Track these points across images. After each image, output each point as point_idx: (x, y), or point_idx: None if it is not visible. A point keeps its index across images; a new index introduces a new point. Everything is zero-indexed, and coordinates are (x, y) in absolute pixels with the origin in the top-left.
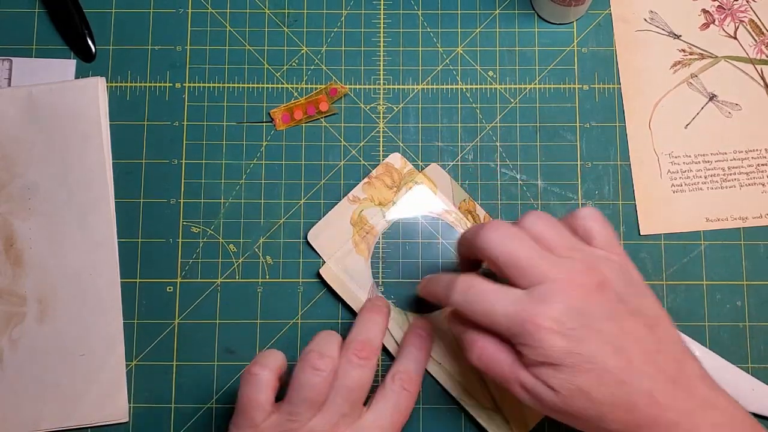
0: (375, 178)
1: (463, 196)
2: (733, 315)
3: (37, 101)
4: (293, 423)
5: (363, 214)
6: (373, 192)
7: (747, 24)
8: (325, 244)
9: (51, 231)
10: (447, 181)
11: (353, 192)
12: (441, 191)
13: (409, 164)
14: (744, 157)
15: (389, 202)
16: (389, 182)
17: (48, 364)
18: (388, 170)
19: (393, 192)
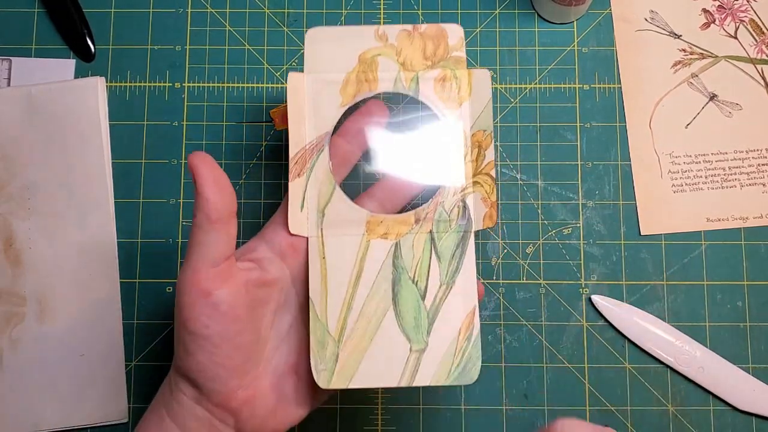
0: (420, 34)
1: (486, 126)
2: (734, 315)
3: (36, 101)
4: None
5: (378, 59)
6: (406, 47)
7: (747, 24)
8: (318, 54)
9: (50, 231)
10: (485, 100)
11: (385, 28)
12: (472, 103)
13: (464, 50)
14: (745, 157)
15: (412, 72)
16: (430, 51)
17: (48, 365)
18: (438, 37)
19: (425, 65)
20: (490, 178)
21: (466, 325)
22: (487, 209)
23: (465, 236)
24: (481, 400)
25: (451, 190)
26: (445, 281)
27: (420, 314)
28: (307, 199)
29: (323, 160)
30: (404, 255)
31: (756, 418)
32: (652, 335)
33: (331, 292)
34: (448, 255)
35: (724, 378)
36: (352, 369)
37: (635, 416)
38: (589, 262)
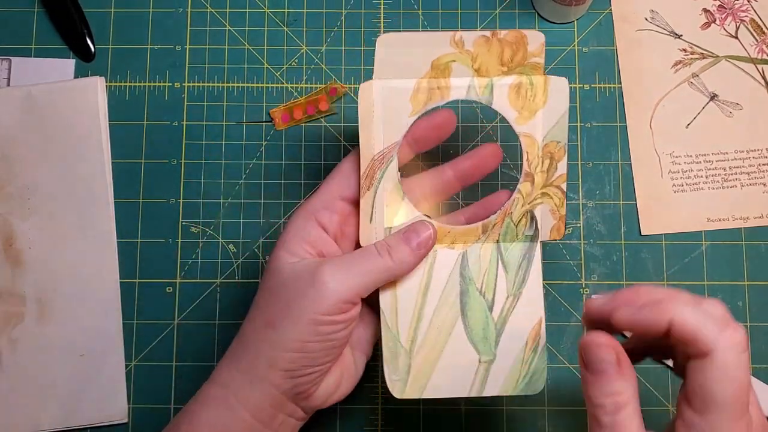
0: (499, 40)
1: (560, 137)
2: (734, 315)
3: (36, 101)
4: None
5: (452, 65)
6: (483, 53)
7: (748, 23)
8: (389, 60)
9: (50, 231)
10: (562, 109)
11: (462, 34)
12: (546, 112)
13: (543, 57)
14: (745, 156)
15: (487, 78)
16: (507, 57)
17: (47, 365)
18: (517, 43)
19: (501, 71)
20: (560, 191)
21: (533, 337)
22: (555, 221)
23: (531, 247)
24: (481, 400)
25: (520, 201)
26: (512, 292)
27: (488, 326)
28: (376, 211)
29: (392, 170)
30: (471, 265)
31: None
32: None
33: (401, 303)
34: (514, 266)
35: None
36: (424, 379)
37: None
38: (589, 262)
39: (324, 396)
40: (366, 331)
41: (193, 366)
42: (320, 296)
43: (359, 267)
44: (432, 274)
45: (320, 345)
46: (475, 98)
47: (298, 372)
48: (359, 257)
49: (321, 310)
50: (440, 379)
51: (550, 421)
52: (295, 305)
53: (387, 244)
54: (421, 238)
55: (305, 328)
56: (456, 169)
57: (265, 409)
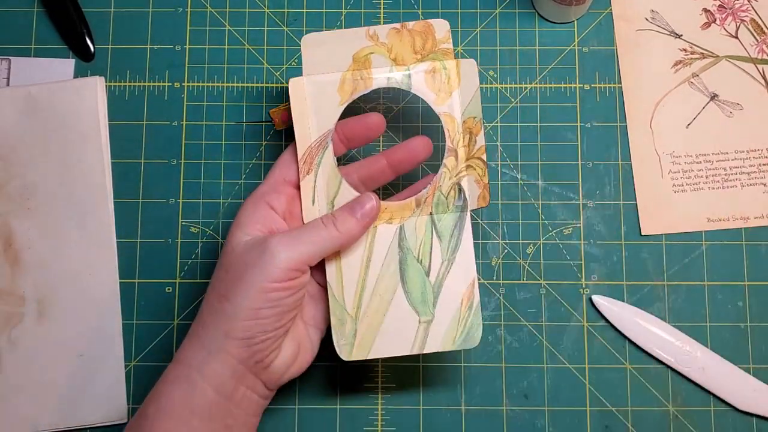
0: (408, 31)
1: (475, 113)
2: (735, 315)
3: (35, 101)
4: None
5: (371, 57)
6: (397, 44)
7: (748, 23)
8: (314, 57)
9: (50, 231)
10: (474, 87)
11: (376, 28)
12: (461, 92)
13: (450, 42)
14: (745, 157)
15: (403, 66)
16: (419, 45)
17: (47, 365)
18: (425, 32)
19: (415, 59)
20: (482, 162)
21: (467, 296)
22: (480, 190)
23: (462, 216)
24: (482, 400)
25: (447, 175)
26: (446, 258)
27: (426, 289)
28: (317, 193)
29: (328, 156)
30: (408, 237)
31: (756, 419)
32: (652, 335)
33: (346, 275)
34: (447, 234)
35: (725, 378)
36: (369, 342)
37: (636, 417)
38: (589, 262)
39: (282, 367)
40: (319, 309)
41: None
42: (269, 265)
43: (306, 238)
44: (373, 248)
45: (271, 311)
46: (395, 85)
47: (253, 339)
48: (306, 229)
49: (270, 278)
50: (384, 340)
51: (550, 421)
52: (247, 276)
53: (333, 216)
54: (365, 208)
55: (256, 295)
56: (389, 158)
57: (226, 382)
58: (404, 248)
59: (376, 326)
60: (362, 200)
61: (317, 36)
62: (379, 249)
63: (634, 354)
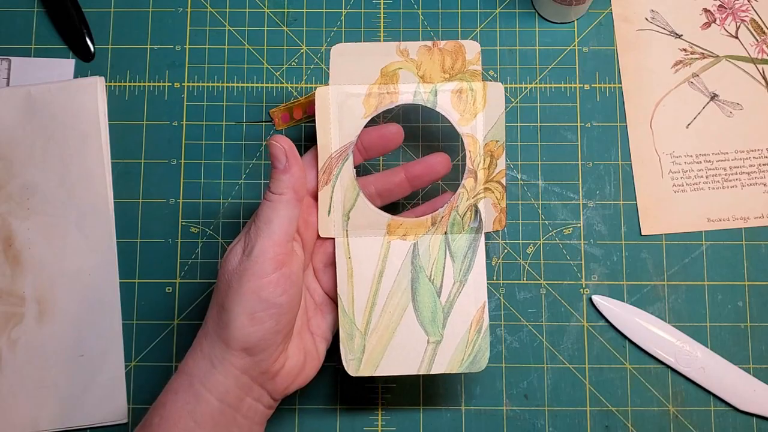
0: (439, 50)
1: (498, 137)
2: (735, 315)
3: (35, 101)
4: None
5: (399, 72)
6: (426, 62)
7: (748, 23)
8: (343, 68)
9: (50, 231)
10: (498, 112)
11: (407, 44)
12: (486, 115)
13: (479, 64)
14: (745, 156)
15: (431, 84)
16: (448, 65)
17: (47, 365)
18: (456, 52)
19: (443, 77)
20: (501, 186)
21: (477, 319)
22: (497, 214)
23: (476, 238)
24: (482, 400)
25: (464, 196)
26: (458, 279)
27: (436, 309)
28: (334, 204)
29: (348, 167)
30: (422, 254)
31: (757, 419)
32: (652, 335)
33: (357, 289)
34: (460, 255)
35: (725, 378)
36: (377, 359)
37: (636, 417)
38: (589, 262)
39: (288, 378)
40: (325, 320)
41: None
42: (251, 263)
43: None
44: (386, 264)
45: (266, 313)
46: (421, 102)
47: (253, 349)
48: (261, 215)
49: (256, 274)
50: (392, 358)
51: (550, 421)
52: (235, 281)
53: (268, 190)
54: (279, 155)
55: (248, 298)
56: (408, 172)
57: (231, 391)
58: (417, 266)
59: (384, 343)
60: (274, 152)
61: (347, 47)
62: (391, 264)
63: (634, 354)
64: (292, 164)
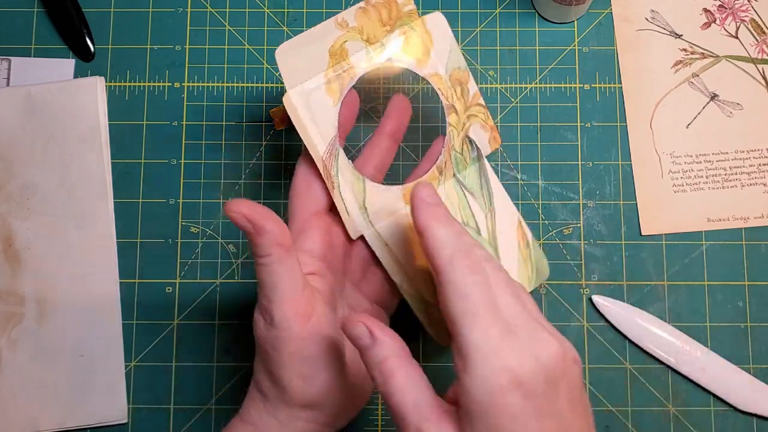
0: (372, 6)
1: (458, 63)
2: (735, 315)
3: (35, 101)
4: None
5: (346, 46)
6: (366, 23)
7: (748, 23)
8: (293, 67)
9: (50, 231)
10: (447, 39)
11: (343, 14)
12: (437, 48)
13: (413, 3)
14: (746, 156)
15: (378, 42)
16: (385, 17)
17: (47, 365)
18: (388, 1)
19: (385, 31)
20: (482, 107)
21: (520, 236)
22: (489, 133)
23: (481, 165)
24: None
25: (454, 132)
26: (486, 210)
27: (485, 247)
28: (347, 203)
29: (342, 161)
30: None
31: (756, 419)
32: (652, 336)
33: (407, 268)
34: (477, 188)
35: (725, 378)
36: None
37: (636, 417)
38: (589, 262)
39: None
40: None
41: (193, 366)
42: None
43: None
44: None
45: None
46: (377, 63)
47: (317, 401)
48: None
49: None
50: None
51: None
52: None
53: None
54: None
55: (291, 361)
56: (386, 131)
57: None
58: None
59: None
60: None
61: (289, 44)
62: None
63: (634, 354)
64: (262, 224)
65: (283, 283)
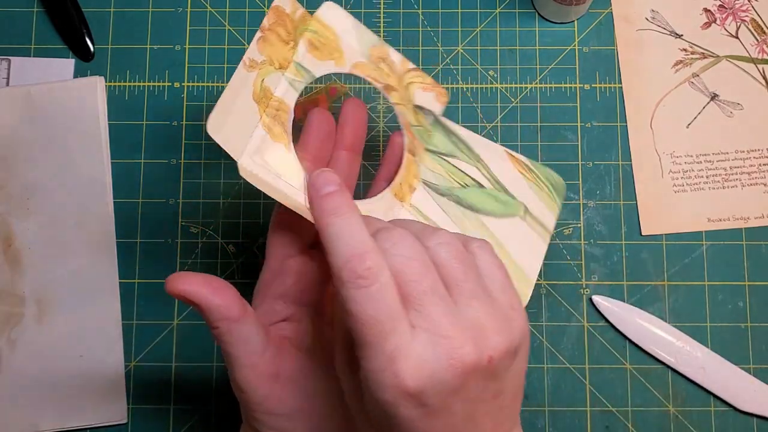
0: (268, 30)
1: (371, 41)
2: (735, 316)
3: (35, 101)
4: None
5: (265, 83)
6: (271, 50)
7: (749, 23)
8: (231, 136)
9: (50, 231)
10: (350, 23)
11: (247, 54)
12: (343, 38)
13: (301, 7)
14: (746, 157)
15: (289, 63)
16: (284, 34)
17: (46, 365)
18: (279, 18)
19: (290, 49)
20: (414, 71)
21: (517, 165)
22: (432, 92)
23: (444, 125)
24: None
25: (403, 109)
26: (474, 162)
27: (496, 196)
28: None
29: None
30: (437, 182)
31: (756, 419)
32: (653, 336)
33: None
34: (451, 147)
35: (726, 378)
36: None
37: (636, 417)
38: (589, 262)
39: None
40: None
41: (192, 366)
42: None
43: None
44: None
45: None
46: (301, 86)
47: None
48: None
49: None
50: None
51: (550, 421)
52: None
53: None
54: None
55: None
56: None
57: None
58: (445, 192)
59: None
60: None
61: (213, 116)
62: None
63: (634, 354)
64: (202, 301)
65: (237, 351)
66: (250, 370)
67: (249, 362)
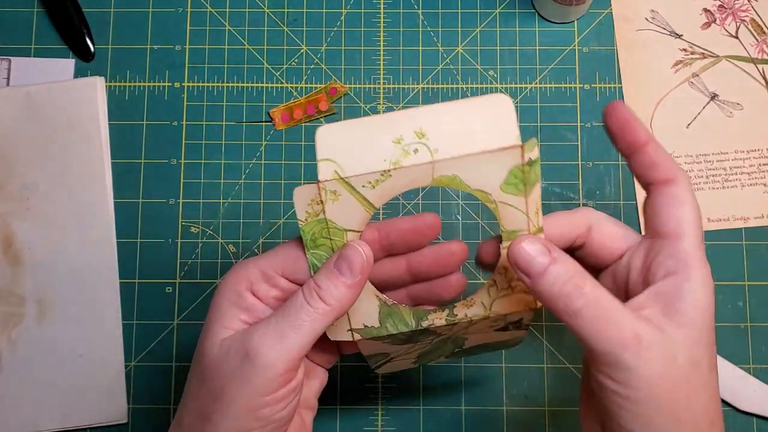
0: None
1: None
2: (735, 315)
3: (35, 101)
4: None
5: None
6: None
7: (748, 23)
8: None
9: (50, 231)
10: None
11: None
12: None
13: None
14: (745, 157)
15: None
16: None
17: (47, 365)
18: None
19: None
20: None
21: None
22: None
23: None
24: (482, 400)
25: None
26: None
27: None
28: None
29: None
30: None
31: (757, 419)
32: None
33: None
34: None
35: (725, 378)
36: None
37: None
38: None
39: None
40: (311, 390)
41: None
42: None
43: (292, 324)
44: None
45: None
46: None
47: None
48: (288, 312)
49: (258, 391)
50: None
51: (550, 421)
52: (228, 390)
53: (316, 284)
54: (355, 265)
55: (243, 415)
56: (411, 264)
57: None
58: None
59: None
60: (348, 255)
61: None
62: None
63: None
64: (356, 281)
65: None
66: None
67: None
